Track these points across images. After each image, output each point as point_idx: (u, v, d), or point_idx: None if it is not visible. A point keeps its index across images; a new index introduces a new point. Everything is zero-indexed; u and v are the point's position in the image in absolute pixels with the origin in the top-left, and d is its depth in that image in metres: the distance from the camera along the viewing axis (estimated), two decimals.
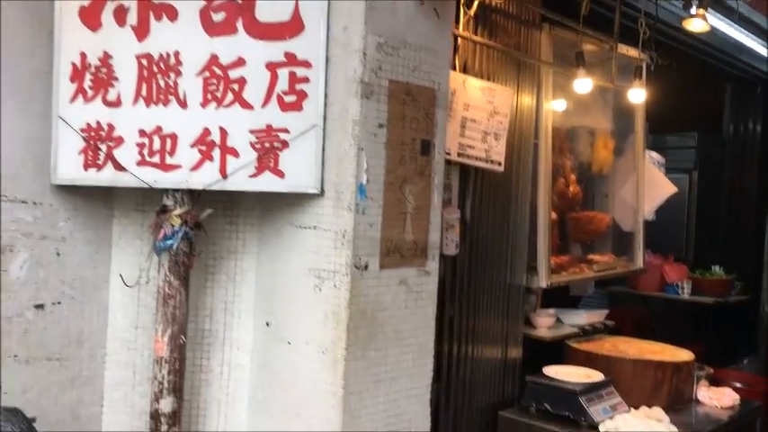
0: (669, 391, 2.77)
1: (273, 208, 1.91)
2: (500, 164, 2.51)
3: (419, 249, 1.87)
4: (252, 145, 1.77)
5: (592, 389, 2.58)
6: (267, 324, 1.89)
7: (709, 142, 5.30)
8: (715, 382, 3.17)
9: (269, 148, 1.77)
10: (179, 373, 1.80)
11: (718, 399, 2.85)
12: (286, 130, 1.77)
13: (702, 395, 2.89)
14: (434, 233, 1.91)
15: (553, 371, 2.72)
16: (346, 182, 1.74)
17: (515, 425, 2.60)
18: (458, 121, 2.38)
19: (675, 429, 2.46)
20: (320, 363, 1.76)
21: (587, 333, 3.17)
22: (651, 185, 3.41)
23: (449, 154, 2.34)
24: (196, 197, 1.84)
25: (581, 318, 3.21)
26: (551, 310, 3.27)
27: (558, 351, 3.05)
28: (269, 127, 1.77)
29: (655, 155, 3.50)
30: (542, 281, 2.82)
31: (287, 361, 1.83)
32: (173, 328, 1.80)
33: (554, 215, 3.08)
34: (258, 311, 1.92)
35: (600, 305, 5.48)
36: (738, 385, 4.62)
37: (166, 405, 1.79)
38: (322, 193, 1.79)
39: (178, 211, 1.81)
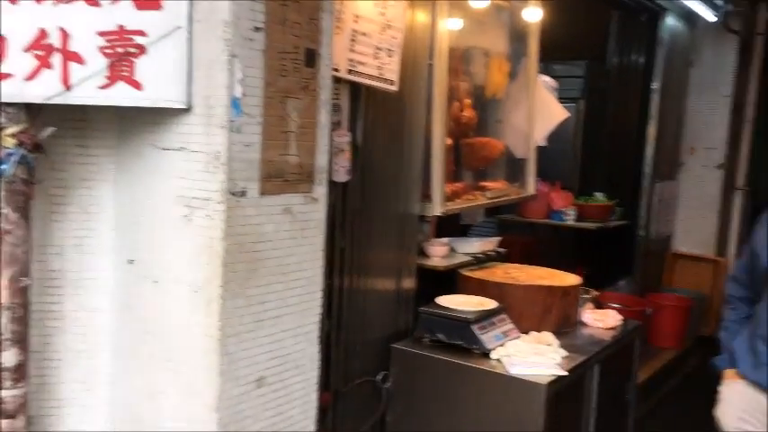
0: (558, 315, 2.79)
1: (132, 127, 1.63)
2: (393, 83, 2.33)
3: (305, 174, 1.68)
4: (101, 50, 1.48)
5: (484, 317, 2.54)
6: (129, 261, 1.65)
7: (596, 72, 5.36)
8: (598, 304, 3.26)
9: (122, 54, 1.48)
10: (23, 322, 1.54)
11: (602, 320, 2.92)
12: (142, 33, 1.49)
13: (587, 317, 2.94)
14: (322, 156, 1.72)
15: (446, 300, 2.65)
16: (218, 95, 1.50)
17: (408, 356, 2.53)
18: (347, 35, 2.16)
19: (564, 352, 2.47)
20: (192, 303, 1.55)
21: (480, 261, 3.14)
22: (543, 111, 3.36)
23: (337, 71, 2.13)
24: (35, 113, 1.53)
25: (474, 246, 3.16)
26: (445, 240, 3.20)
27: (452, 280, 3.00)
28: (121, 28, 1.48)
29: (548, 79, 3.45)
30: (437, 208, 2.72)
31: (154, 303, 1.61)
32: (13, 270, 1.52)
33: (449, 141, 2.96)
34: (118, 248, 1.67)
35: (489, 233, 5.58)
36: (616, 306, 4.87)
37: (9, 358, 1.52)
38: (189, 108, 1.53)
39: (12, 129, 1.50)
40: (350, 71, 2.17)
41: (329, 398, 2.34)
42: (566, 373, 2.29)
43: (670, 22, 5.08)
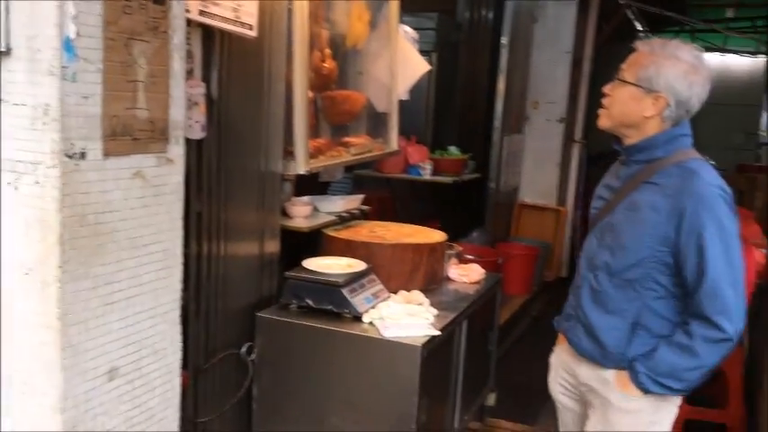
0: (426, 272, 2.76)
1: None
2: (251, 27, 2.10)
3: (158, 131, 1.45)
4: None
5: (354, 279, 2.43)
6: None
7: (447, 25, 5.36)
8: (462, 258, 3.29)
9: None
10: None
11: (467, 275, 2.93)
12: None
13: (453, 273, 2.95)
14: (177, 110, 1.50)
15: (313, 264, 2.52)
16: (45, 34, 1.22)
17: (275, 325, 2.38)
18: None
19: (435, 311, 2.45)
20: (24, 288, 1.29)
21: (345, 220, 3.02)
22: (405, 63, 3.26)
23: (189, 12, 1.87)
24: None
25: (337, 205, 3.04)
26: (306, 198, 3.04)
27: (317, 242, 2.87)
28: None
29: (409, 30, 3.34)
30: (301, 166, 2.55)
31: None
32: None
33: (310, 94, 2.78)
34: None
35: (346, 190, 5.49)
36: (470, 257, 5.02)
37: None
38: (8, 50, 1.24)
39: None
40: (202, 12, 1.91)
41: (187, 378, 2.13)
42: (439, 333, 2.26)
43: None
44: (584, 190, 6.03)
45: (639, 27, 9.88)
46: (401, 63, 3.24)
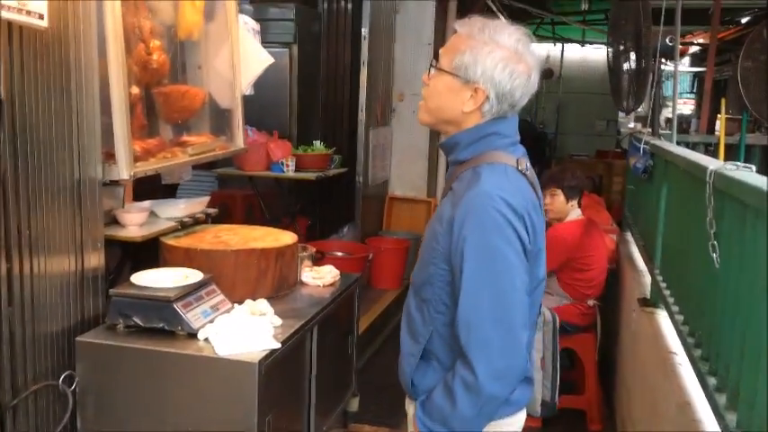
0: (274, 278, 2.60)
1: None
2: (41, 17, 1.84)
3: None
4: None
5: (189, 292, 2.23)
6: None
7: (306, 15, 5.20)
8: (319, 260, 3.15)
9: None
10: None
11: (320, 278, 2.80)
12: None
13: (306, 276, 2.80)
14: None
15: (144, 277, 2.29)
16: None
17: (97, 349, 2.13)
18: None
19: (279, 320, 2.29)
20: None
21: (187, 226, 2.80)
22: (246, 56, 3.07)
23: None
24: None
25: (179, 209, 2.81)
26: (144, 204, 2.79)
27: (156, 252, 2.63)
28: None
29: (250, 21, 3.14)
30: (123, 171, 2.30)
31: None
32: None
33: (136, 90, 2.53)
34: None
35: (207, 190, 5.22)
36: (340, 254, 4.91)
37: None
38: None
39: None
40: None
41: None
42: (279, 346, 2.11)
43: None
44: None
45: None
46: (243, 56, 3.03)
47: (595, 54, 11.68)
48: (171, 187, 3.86)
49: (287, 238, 2.77)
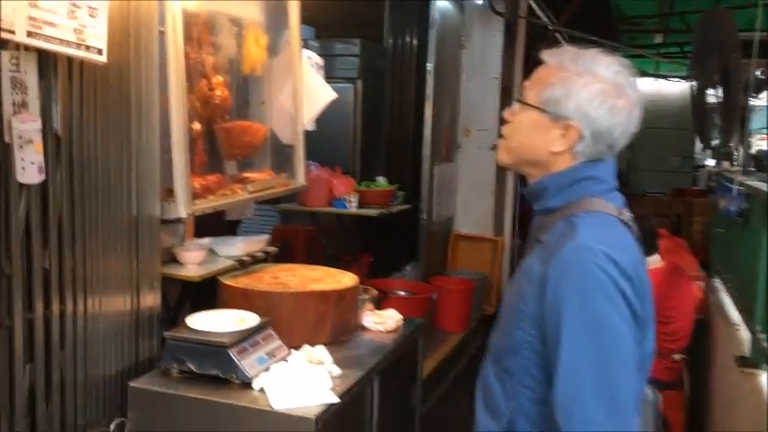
0: (333, 322, 2.46)
1: None
2: (100, 51, 1.79)
3: None
4: None
5: (244, 337, 2.11)
6: None
7: (371, 51, 5.16)
8: (381, 300, 3.00)
9: None
10: None
11: (382, 323, 2.64)
12: None
13: (368, 320, 2.65)
14: None
15: (199, 320, 2.19)
16: None
17: (150, 396, 2.03)
18: None
19: (338, 370, 2.14)
20: None
21: (246, 265, 2.70)
22: (310, 91, 2.99)
23: (12, 33, 1.56)
24: None
25: (238, 247, 2.72)
26: (204, 241, 2.72)
27: (215, 290, 2.55)
28: None
29: (313, 55, 3.08)
30: (181, 209, 2.23)
31: None
32: None
33: (198, 126, 2.48)
34: None
35: (269, 225, 5.18)
36: (403, 293, 4.75)
37: None
38: None
39: None
40: (31, 34, 1.59)
41: None
42: (337, 400, 1.95)
43: (440, 3, 5.01)
44: (519, 219, 5.87)
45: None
46: (306, 92, 2.96)
47: (669, 87, 11.28)
48: (234, 223, 3.81)
49: (348, 279, 2.63)
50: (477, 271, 5.40)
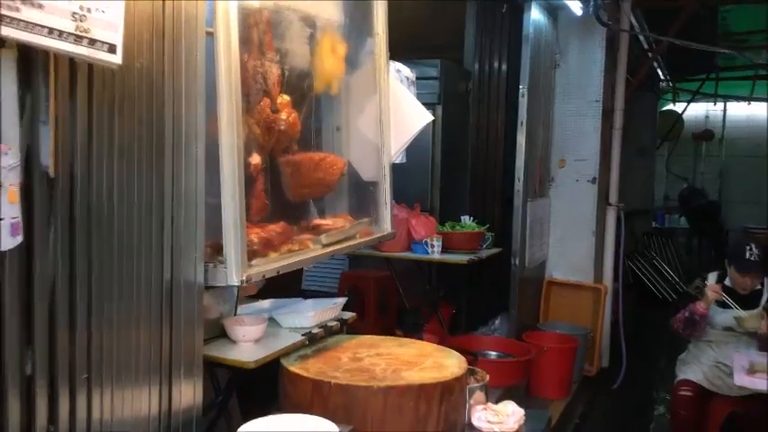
0: (436, 424, 1.78)
1: None
2: (113, 49, 1.20)
3: None
4: None
5: None
6: None
7: (453, 73, 4.53)
8: (471, 363, 2.30)
9: None
10: None
11: (500, 422, 1.95)
12: None
13: (479, 419, 1.96)
14: None
15: (259, 427, 1.55)
16: None
17: None
18: None
19: None
20: None
21: (316, 340, 2.07)
22: (399, 113, 2.37)
23: None
24: None
25: (306, 317, 2.09)
26: (263, 308, 2.12)
27: (274, 374, 1.92)
28: None
29: (403, 68, 2.48)
30: (233, 274, 1.61)
31: None
32: None
33: (257, 159, 1.88)
34: None
35: (335, 271, 4.55)
36: (494, 354, 4.02)
37: None
38: None
39: None
40: (8, 20, 1.01)
41: None
42: None
43: (534, 15, 4.35)
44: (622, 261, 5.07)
45: (662, 75, 9.14)
46: (394, 114, 2.34)
47: (764, 112, 10.25)
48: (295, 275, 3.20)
49: (453, 363, 1.96)
50: (574, 324, 4.61)
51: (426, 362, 1.96)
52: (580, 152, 4.81)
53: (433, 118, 2.41)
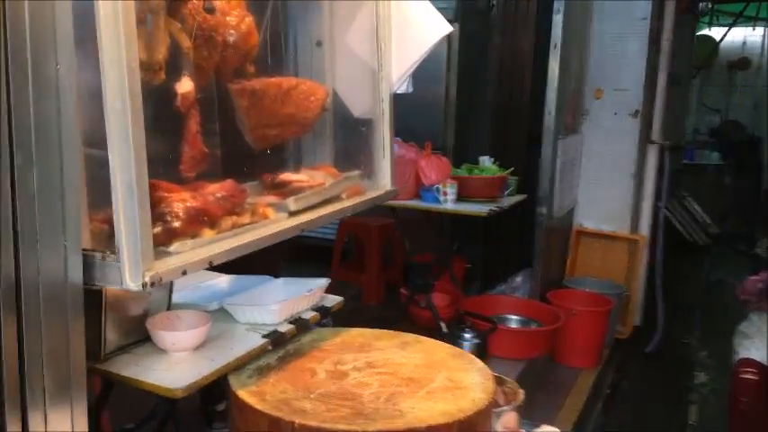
0: None
1: None
2: None
3: None
4: None
5: None
6: None
7: None
8: (491, 331, 1.73)
9: None
10: None
11: None
12: None
13: None
14: None
15: None
16: None
17: None
18: None
19: None
20: None
21: (285, 341, 1.49)
22: (405, 25, 1.69)
23: None
24: None
25: (270, 312, 1.49)
26: (216, 285, 1.55)
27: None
28: None
29: None
30: (126, 273, 1.01)
31: None
32: None
33: (188, 86, 1.24)
34: None
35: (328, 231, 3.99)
36: (516, 319, 3.48)
37: None
38: None
39: None
40: None
41: None
42: None
43: None
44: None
45: None
46: (398, 23, 1.67)
47: None
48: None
49: (474, 379, 1.37)
50: (607, 280, 4.03)
51: (436, 378, 1.37)
52: (621, 81, 4.09)
53: (452, 29, 1.72)
